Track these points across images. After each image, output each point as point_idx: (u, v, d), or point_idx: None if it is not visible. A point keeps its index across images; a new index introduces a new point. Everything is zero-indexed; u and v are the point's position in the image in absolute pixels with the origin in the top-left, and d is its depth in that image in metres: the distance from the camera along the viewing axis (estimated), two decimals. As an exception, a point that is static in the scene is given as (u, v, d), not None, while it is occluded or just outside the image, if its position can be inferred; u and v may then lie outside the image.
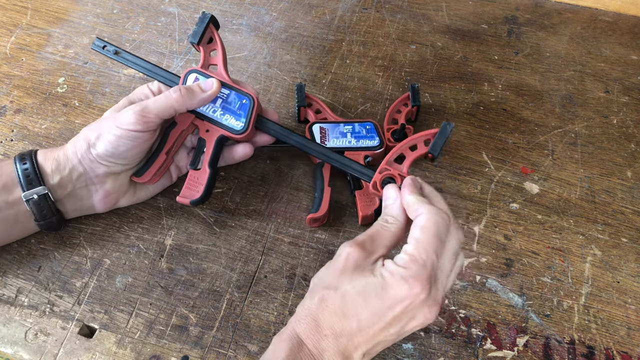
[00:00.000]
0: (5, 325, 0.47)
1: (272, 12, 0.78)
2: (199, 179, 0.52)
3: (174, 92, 0.50)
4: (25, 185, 0.47)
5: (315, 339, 0.38)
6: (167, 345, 0.47)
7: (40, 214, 0.48)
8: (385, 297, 0.38)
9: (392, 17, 0.78)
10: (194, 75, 0.53)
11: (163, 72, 0.55)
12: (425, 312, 0.38)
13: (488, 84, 0.69)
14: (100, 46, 0.56)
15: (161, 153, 0.52)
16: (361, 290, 0.38)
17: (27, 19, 0.74)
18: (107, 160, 0.48)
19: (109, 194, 0.51)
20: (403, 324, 0.38)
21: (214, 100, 0.53)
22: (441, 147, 0.48)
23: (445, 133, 0.48)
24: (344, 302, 0.38)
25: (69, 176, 0.48)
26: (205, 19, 0.53)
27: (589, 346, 0.48)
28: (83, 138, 0.49)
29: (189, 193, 0.52)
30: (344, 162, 0.53)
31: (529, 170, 0.60)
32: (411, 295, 0.37)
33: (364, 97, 0.67)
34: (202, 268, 0.51)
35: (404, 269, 0.38)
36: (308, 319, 0.39)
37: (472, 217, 0.56)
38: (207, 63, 0.54)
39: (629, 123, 0.66)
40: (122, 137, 0.47)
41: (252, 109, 0.52)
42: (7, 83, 0.66)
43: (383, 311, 0.38)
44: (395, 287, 0.38)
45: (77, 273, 0.51)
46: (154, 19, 0.75)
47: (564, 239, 0.55)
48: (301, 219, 0.55)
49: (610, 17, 0.80)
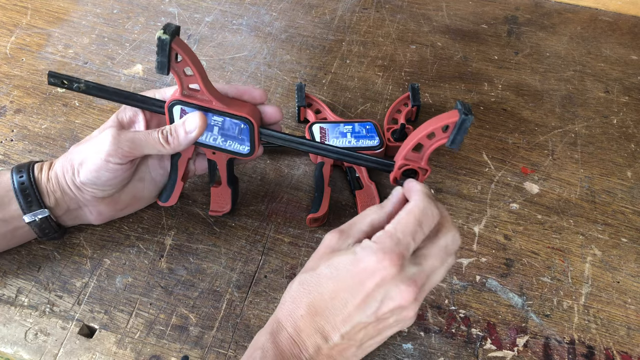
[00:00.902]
0: (5, 325, 0.47)
1: (272, 12, 0.78)
2: (222, 195, 0.53)
3: (161, 137, 0.47)
4: (24, 204, 0.46)
5: (292, 320, 0.39)
6: (167, 345, 0.47)
7: (43, 233, 0.48)
8: (355, 271, 0.37)
9: (392, 17, 0.78)
10: (178, 107, 0.47)
11: (141, 98, 0.48)
12: (400, 290, 0.37)
13: (488, 84, 0.69)
14: (58, 82, 0.48)
15: (177, 181, 0.52)
16: (334, 267, 0.39)
17: (27, 19, 0.74)
18: (92, 188, 0.47)
19: (102, 214, 0.51)
20: (378, 303, 0.37)
21: (210, 129, 0.49)
22: (461, 141, 0.44)
23: (465, 126, 0.43)
24: (319, 281, 0.39)
25: (62, 199, 0.48)
26: (165, 45, 0.43)
27: (589, 346, 0.48)
28: (69, 161, 0.47)
29: (219, 207, 0.54)
30: (359, 157, 0.50)
31: (529, 170, 0.60)
32: (380, 269, 0.37)
33: (364, 97, 0.67)
34: (202, 268, 0.51)
35: (376, 243, 0.38)
36: (287, 303, 0.40)
37: (472, 217, 0.56)
38: (185, 85, 0.47)
39: (629, 123, 0.66)
40: (101, 169, 0.46)
41: (253, 132, 0.49)
42: (7, 83, 0.66)
43: (355, 286, 0.37)
44: (364, 260, 0.37)
45: (77, 273, 0.51)
46: (154, 19, 0.75)
47: (564, 239, 0.55)
48: (301, 219, 0.55)
49: (610, 17, 0.80)
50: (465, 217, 0.56)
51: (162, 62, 0.44)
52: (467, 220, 0.56)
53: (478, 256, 0.53)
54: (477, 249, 0.54)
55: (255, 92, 0.49)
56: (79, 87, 0.47)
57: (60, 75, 0.47)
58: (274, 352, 0.38)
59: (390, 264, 0.36)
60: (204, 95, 0.47)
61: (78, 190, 0.48)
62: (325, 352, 0.39)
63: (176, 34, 0.44)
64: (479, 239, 0.54)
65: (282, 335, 0.39)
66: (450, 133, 0.43)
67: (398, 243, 0.37)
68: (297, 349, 0.38)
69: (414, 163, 0.46)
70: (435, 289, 0.51)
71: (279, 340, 0.39)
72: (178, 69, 0.45)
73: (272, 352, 0.38)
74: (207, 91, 0.47)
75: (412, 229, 0.38)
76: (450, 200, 0.57)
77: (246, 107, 0.49)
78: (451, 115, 0.43)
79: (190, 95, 0.47)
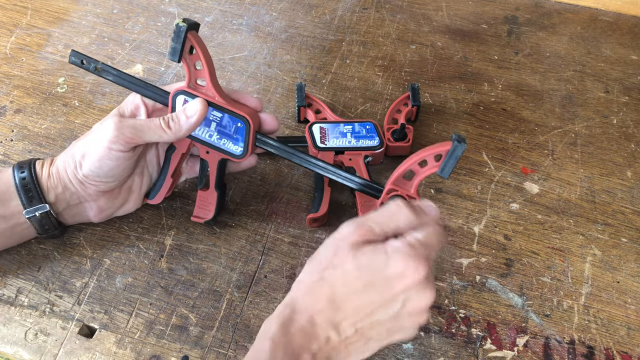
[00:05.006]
0: (5, 325, 0.47)
1: (272, 12, 0.78)
2: (208, 199, 0.53)
3: (163, 123, 0.48)
4: (25, 201, 0.47)
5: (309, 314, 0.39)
6: (167, 345, 0.47)
7: (43, 229, 0.48)
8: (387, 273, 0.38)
9: (392, 17, 0.78)
10: (182, 97, 0.49)
11: (150, 87, 0.50)
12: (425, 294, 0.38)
13: (488, 84, 0.69)
14: (79, 61, 0.51)
15: (167, 177, 0.52)
16: (364, 266, 0.39)
17: (27, 19, 0.74)
18: (95, 180, 0.48)
19: (103, 210, 0.51)
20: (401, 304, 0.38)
21: (208, 124, 0.50)
22: (451, 170, 0.44)
23: (457, 154, 0.43)
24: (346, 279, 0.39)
25: (62, 194, 0.48)
26: (181, 33, 0.46)
27: (588, 346, 0.48)
28: (71, 155, 0.48)
29: (202, 213, 0.53)
30: (349, 177, 0.51)
31: (529, 170, 0.60)
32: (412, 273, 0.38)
33: (364, 97, 0.67)
34: (202, 268, 0.51)
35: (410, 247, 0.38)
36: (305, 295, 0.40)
37: (472, 217, 0.56)
38: (194, 78, 0.49)
39: (629, 123, 0.66)
40: (104, 158, 0.46)
41: (248, 132, 0.50)
42: (7, 83, 0.66)
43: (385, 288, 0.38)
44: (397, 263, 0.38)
45: (77, 273, 0.51)
46: (154, 19, 0.75)
47: (564, 239, 0.55)
48: (301, 219, 0.55)
49: (610, 17, 0.80)
50: (465, 217, 0.56)
51: (175, 48, 0.47)
52: (467, 220, 0.56)
53: (478, 256, 0.53)
54: (477, 249, 0.54)
55: (251, 101, 0.51)
56: (96, 68, 0.50)
57: (81, 54, 0.51)
58: (284, 344, 0.38)
59: (423, 269, 0.38)
60: (209, 90, 0.49)
61: (80, 184, 0.48)
62: (333, 344, 0.39)
63: (194, 28, 0.47)
64: (479, 239, 0.55)
65: (294, 327, 0.38)
66: (442, 162, 0.44)
67: (428, 252, 0.39)
68: (308, 340, 0.38)
69: (403, 190, 0.47)
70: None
71: (291, 332, 0.38)
72: (189, 61, 0.48)
73: (282, 344, 0.38)
74: (212, 87, 0.49)
75: (435, 243, 0.40)
76: (450, 200, 0.57)
77: (247, 109, 0.50)
78: (445, 145, 0.43)
79: (196, 89, 0.49)
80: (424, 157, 0.44)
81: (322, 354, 0.38)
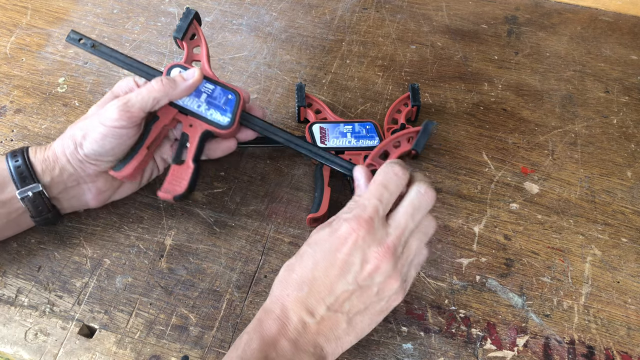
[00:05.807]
0: (5, 325, 0.47)
1: (272, 12, 0.78)
2: (182, 174, 0.51)
3: (155, 83, 0.49)
4: (19, 183, 0.47)
5: (280, 302, 0.40)
6: (167, 345, 0.47)
7: (36, 211, 0.48)
8: (331, 240, 0.40)
9: (392, 17, 0.78)
10: (177, 69, 0.53)
11: (144, 66, 0.53)
12: (372, 251, 0.39)
13: (488, 84, 0.69)
14: (76, 39, 0.53)
15: (142, 147, 0.50)
16: (313, 243, 0.41)
17: (27, 19, 0.74)
18: (96, 159, 0.48)
19: (101, 191, 0.51)
20: (357, 267, 0.39)
21: (199, 94, 0.52)
22: (424, 145, 0.53)
23: (427, 131, 0.52)
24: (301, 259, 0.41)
25: (59, 176, 0.48)
26: (189, 15, 0.53)
27: (589, 346, 0.48)
28: (69, 137, 0.48)
29: (171, 188, 0.50)
30: (327, 157, 0.53)
31: (529, 170, 0.60)
32: (350, 233, 0.39)
33: (364, 97, 0.67)
34: (202, 268, 0.51)
35: (346, 212, 0.41)
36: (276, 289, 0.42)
37: (472, 217, 0.56)
38: (190, 59, 0.54)
39: (629, 123, 0.66)
40: (107, 135, 0.47)
41: (238, 104, 0.52)
42: (7, 83, 0.66)
43: (332, 255, 0.40)
44: (338, 229, 0.40)
45: (77, 273, 0.51)
46: (154, 19, 0.75)
47: (564, 239, 0.55)
48: (301, 219, 0.55)
49: (610, 17, 0.80)
50: (465, 217, 0.56)
51: (181, 26, 0.54)
52: (467, 220, 0.56)
53: (478, 256, 0.53)
54: (477, 249, 0.54)
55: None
56: (93, 45, 0.53)
57: (80, 34, 0.54)
58: (260, 332, 0.39)
59: (358, 227, 0.39)
60: (204, 70, 0.53)
61: (80, 163, 0.48)
62: (313, 329, 0.39)
63: (198, 19, 0.55)
64: (479, 239, 0.55)
65: (270, 317, 0.40)
66: (415, 139, 0.52)
67: (364, 208, 0.40)
68: (283, 326, 0.39)
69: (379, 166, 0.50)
70: (435, 288, 0.51)
71: (266, 321, 0.40)
72: (189, 45, 0.54)
73: (258, 332, 0.39)
74: (208, 67, 0.54)
75: (375, 192, 0.41)
76: (450, 200, 0.57)
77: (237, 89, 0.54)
78: (418, 129, 0.53)
79: (191, 66, 0.53)
80: (398, 139, 0.54)
81: (304, 341, 0.39)
